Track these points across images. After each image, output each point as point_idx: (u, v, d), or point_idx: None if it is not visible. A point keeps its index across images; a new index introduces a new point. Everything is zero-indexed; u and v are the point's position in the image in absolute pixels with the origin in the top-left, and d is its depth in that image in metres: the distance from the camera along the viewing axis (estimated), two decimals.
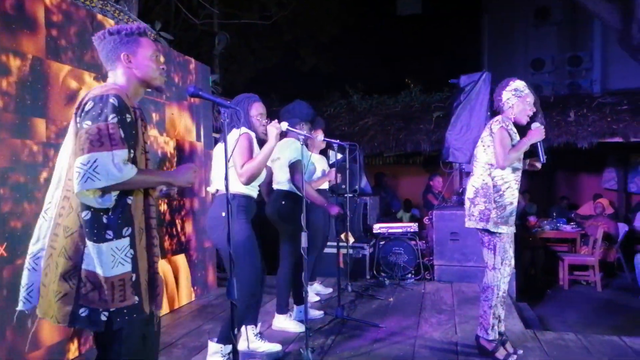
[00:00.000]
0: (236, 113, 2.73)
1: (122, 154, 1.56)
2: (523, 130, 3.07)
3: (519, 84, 3.03)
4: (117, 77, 1.76)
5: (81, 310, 1.57)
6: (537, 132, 2.96)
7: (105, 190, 1.55)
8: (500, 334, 3.06)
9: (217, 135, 5.09)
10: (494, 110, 3.17)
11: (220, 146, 2.90)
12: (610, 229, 6.51)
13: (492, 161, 2.95)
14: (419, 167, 9.52)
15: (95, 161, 1.52)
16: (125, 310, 1.59)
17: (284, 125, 3.11)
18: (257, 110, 2.91)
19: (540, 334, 3.49)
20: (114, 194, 1.58)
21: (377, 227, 5.65)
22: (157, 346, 1.84)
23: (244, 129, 2.75)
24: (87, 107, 1.61)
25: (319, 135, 4.13)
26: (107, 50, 1.75)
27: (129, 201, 1.63)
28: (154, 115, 3.84)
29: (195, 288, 4.45)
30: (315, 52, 12.56)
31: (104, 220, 1.58)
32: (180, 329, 3.58)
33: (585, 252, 6.54)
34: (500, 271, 2.93)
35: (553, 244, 7.25)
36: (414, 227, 5.64)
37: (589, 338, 3.41)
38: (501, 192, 2.94)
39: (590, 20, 9.59)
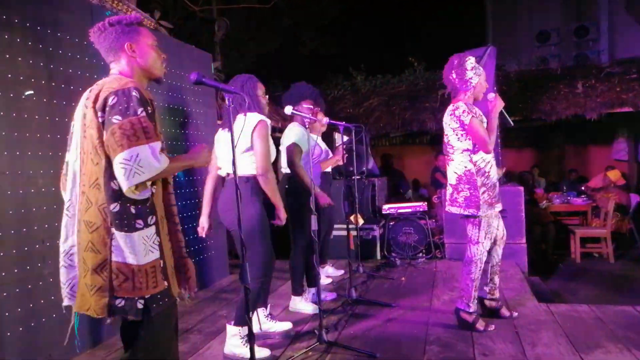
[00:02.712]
0: (240, 98, 2.73)
1: (158, 145, 1.61)
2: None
3: (474, 61, 3.03)
4: (121, 67, 1.77)
5: (117, 301, 1.60)
6: (497, 102, 3.02)
7: (144, 183, 1.59)
8: (495, 299, 3.26)
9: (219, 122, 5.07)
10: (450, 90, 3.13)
11: (224, 132, 2.90)
12: (622, 200, 6.46)
13: (469, 147, 2.97)
14: (426, 146, 9.48)
15: (137, 155, 1.55)
16: (159, 296, 1.65)
17: (288, 109, 3.10)
18: (261, 89, 2.93)
19: (553, 307, 3.49)
20: (149, 185, 1.63)
21: (387, 208, 5.65)
22: (177, 331, 1.90)
23: (258, 115, 2.75)
24: (110, 102, 1.60)
25: (323, 119, 4.10)
26: (109, 42, 1.75)
27: (153, 190, 1.68)
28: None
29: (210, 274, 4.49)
30: (316, 34, 12.43)
31: (133, 211, 1.61)
32: (195, 315, 3.63)
33: (597, 225, 6.50)
34: (483, 245, 3.01)
35: (564, 217, 7.21)
36: (423, 206, 5.63)
37: (602, 309, 3.41)
38: (487, 173, 2.99)
39: None
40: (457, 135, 3.00)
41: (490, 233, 3.03)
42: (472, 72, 2.99)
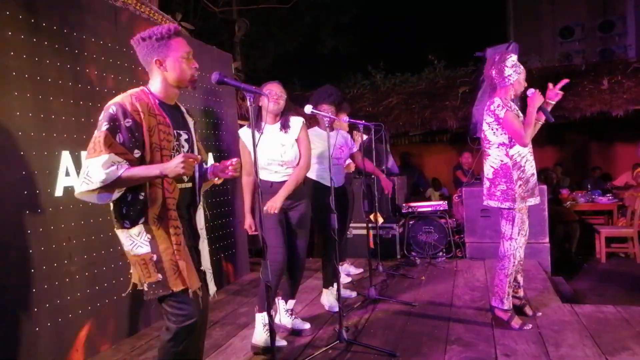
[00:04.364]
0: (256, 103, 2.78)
1: (106, 158, 1.69)
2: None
3: (515, 59, 3.08)
4: (153, 79, 1.90)
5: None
6: (536, 97, 3.00)
7: (101, 190, 1.72)
8: (519, 298, 3.27)
9: (243, 123, 5.12)
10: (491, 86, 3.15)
11: (247, 131, 2.93)
12: None
13: (505, 141, 3.00)
14: (446, 144, 9.38)
15: (87, 167, 1.71)
16: (153, 285, 1.82)
17: (308, 109, 3.12)
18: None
19: (578, 308, 3.43)
20: (117, 192, 1.76)
21: (406, 207, 5.63)
22: (206, 323, 2.02)
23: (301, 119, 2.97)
24: (100, 115, 1.79)
25: (343, 117, 4.11)
26: (142, 55, 1.89)
27: (141, 197, 1.80)
28: None
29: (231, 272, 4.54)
30: (335, 33, 12.43)
31: (123, 211, 1.81)
32: (217, 311, 3.67)
33: (623, 224, 6.35)
34: (517, 241, 3.04)
35: (588, 217, 7.05)
36: (443, 205, 5.58)
37: (629, 310, 3.33)
38: (522, 168, 3.02)
39: None
40: (492, 129, 3.03)
41: (523, 230, 3.05)
42: (512, 69, 3.03)
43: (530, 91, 3.03)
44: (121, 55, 3.16)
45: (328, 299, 3.64)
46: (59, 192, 2.70)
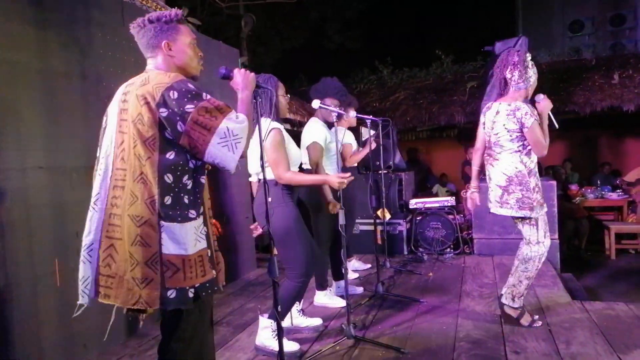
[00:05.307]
0: (266, 93, 2.72)
1: (231, 112, 1.67)
2: None
3: (530, 58, 2.98)
4: (157, 63, 1.79)
5: (169, 292, 1.61)
6: (547, 103, 2.95)
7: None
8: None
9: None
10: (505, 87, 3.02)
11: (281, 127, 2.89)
12: None
13: (521, 148, 2.90)
14: (454, 140, 9.31)
15: (227, 129, 1.62)
16: (207, 284, 1.68)
17: (315, 104, 3.10)
18: (282, 89, 2.90)
19: (588, 305, 3.39)
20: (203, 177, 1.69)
21: (414, 203, 5.59)
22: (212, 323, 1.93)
23: (274, 123, 2.69)
24: (173, 96, 1.61)
25: (351, 112, 4.08)
26: (147, 38, 1.78)
27: (203, 180, 1.70)
28: None
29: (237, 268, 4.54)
30: (342, 29, 12.37)
31: (186, 201, 1.65)
32: (224, 307, 3.67)
33: (634, 220, 6.28)
34: (544, 244, 2.94)
35: (598, 212, 6.98)
36: (451, 201, 5.54)
37: None
38: (537, 175, 2.94)
39: None
40: (511, 136, 2.90)
41: (547, 231, 2.95)
42: (532, 70, 2.94)
43: (540, 97, 2.96)
44: (128, 50, 3.15)
45: (327, 300, 3.60)
46: (66, 187, 2.70)
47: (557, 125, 2.99)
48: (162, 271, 1.61)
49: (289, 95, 2.97)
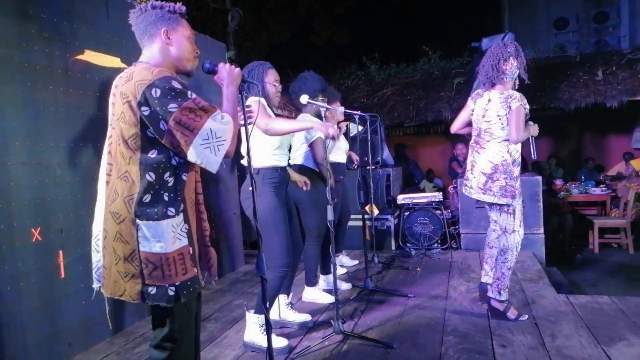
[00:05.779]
0: (253, 86, 2.70)
1: (217, 112, 1.64)
2: None
3: (514, 49, 3.05)
4: (152, 52, 1.73)
5: (150, 288, 1.61)
6: (535, 129, 3.08)
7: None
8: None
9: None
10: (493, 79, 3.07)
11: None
12: None
13: (507, 137, 3.00)
14: (440, 136, 9.37)
15: (210, 131, 1.59)
16: (189, 283, 1.65)
17: (304, 99, 3.07)
18: (273, 76, 2.87)
19: (573, 298, 3.44)
20: (184, 173, 1.67)
21: (402, 198, 5.61)
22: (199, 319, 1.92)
23: (251, 98, 2.67)
24: (155, 94, 1.57)
25: (339, 108, 4.06)
26: (146, 23, 1.72)
27: (184, 177, 1.67)
28: None
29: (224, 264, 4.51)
30: (329, 24, 12.33)
31: (165, 198, 1.62)
32: (212, 304, 3.65)
33: (617, 215, 6.38)
34: (519, 233, 3.03)
35: (582, 207, 7.08)
36: (438, 196, 5.58)
37: (623, 300, 3.34)
38: (519, 164, 3.04)
39: None
40: (502, 123, 2.99)
41: (522, 221, 3.05)
42: (518, 61, 3.04)
43: (531, 123, 3.07)
44: (112, 44, 3.10)
45: (316, 295, 3.60)
46: (49, 183, 2.65)
47: (534, 156, 3.11)
48: (142, 268, 1.60)
49: (280, 86, 2.93)
